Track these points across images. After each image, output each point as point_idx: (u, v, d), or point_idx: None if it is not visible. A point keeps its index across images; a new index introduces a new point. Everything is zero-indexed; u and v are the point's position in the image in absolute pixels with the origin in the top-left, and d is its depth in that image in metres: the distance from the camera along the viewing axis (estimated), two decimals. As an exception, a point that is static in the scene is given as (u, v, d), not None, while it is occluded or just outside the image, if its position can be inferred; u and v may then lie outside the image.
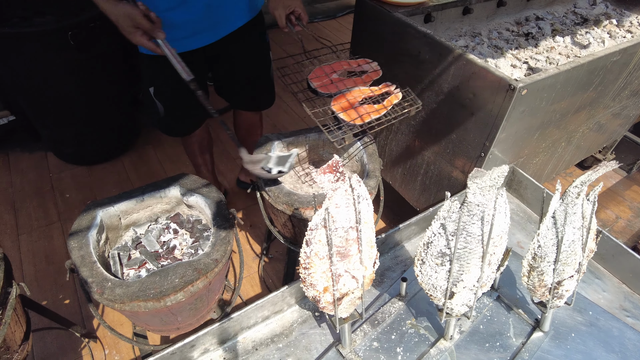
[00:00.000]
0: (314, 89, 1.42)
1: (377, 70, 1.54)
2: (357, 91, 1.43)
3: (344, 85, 1.45)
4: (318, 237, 0.87)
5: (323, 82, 1.45)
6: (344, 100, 1.39)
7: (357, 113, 1.35)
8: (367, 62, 1.56)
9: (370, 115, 1.36)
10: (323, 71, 1.49)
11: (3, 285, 1.08)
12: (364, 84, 1.47)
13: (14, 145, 2.80)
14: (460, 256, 0.94)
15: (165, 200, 1.30)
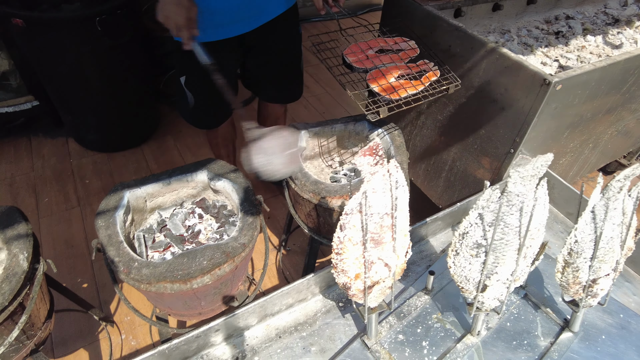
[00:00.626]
0: (349, 63, 1.42)
1: (414, 49, 1.53)
2: (393, 67, 1.42)
3: (380, 61, 1.44)
4: (353, 222, 0.85)
5: (359, 57, 1.45)
6: (380, 75, 1.38)
7: (392, 88, 1.34)
8: (404, 41, 1.56)
9: (406, 91, 1.34)
10: (359, 47, 1.49)
11: (31, 260, 1.08)
12: (400, 61, 1.46)
13: (36, 131, 2.84)
14: (496, 248, 0.91)
15: (191, 184, 1.30)
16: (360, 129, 1.50)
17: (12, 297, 1.01)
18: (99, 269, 2.03)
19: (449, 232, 1.48)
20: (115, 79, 2.36)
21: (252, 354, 1.08)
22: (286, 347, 1.11)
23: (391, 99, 1.32)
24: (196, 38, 1.62)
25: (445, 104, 1.68)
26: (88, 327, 1.83)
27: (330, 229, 1.41)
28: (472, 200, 1.46)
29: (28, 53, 2.27)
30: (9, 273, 1.03)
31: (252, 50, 1.79)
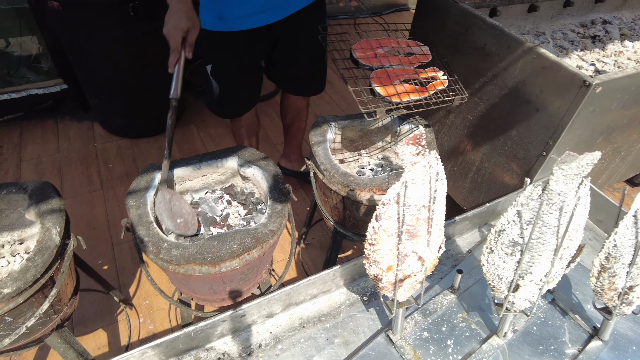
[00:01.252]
0: (356, 59, 1.39)
1: (426, 54, 1.49)
2: (400, 70, 1.39)
3: (388, 62, 1.41)
4: (389, 213, 0.84)
5: (367, 54, 1.42)
6: (385, 75, 1.35)
7: (395, 90, 1.30)
8: (418, 45, 1.52)
9: (409, 95, 1.30)
10: (369, 44, 1.46)
11: (63, 236, 1.10)
12: (409, 65, 1.43)
13: (63, 113, 2.88)
14: (533, 247, 0.89)
15: (221, 170, 1.30)
16: (390, 124, 1.49)
17: (44, 270, 1.02)
18: (120, 252, 2.05)
19: (475, 233, 1.46)
20: (144, 65, 2.38)
21: (275, 342, 1.08)
22: (309, 337, 1.10)
23: (391, 101, 1.28)
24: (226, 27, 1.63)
25: (477, 103, 1.66)
26: (107, 308, 1.85)
27: (356, 222, 1.40)
28: (502, 201, 1.43)
29: (61, 36, 2.30)
30: (42, 246, 1.04)
31: (279, 41, 1.80)
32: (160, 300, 1.87)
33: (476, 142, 1.73)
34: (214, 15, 1.63)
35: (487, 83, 1.59)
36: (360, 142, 1.57)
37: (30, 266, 1.00)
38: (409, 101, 1.30)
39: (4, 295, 0.94)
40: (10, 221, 1.25)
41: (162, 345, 0.96)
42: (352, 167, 1.57)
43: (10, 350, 1.19)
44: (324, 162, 1.31)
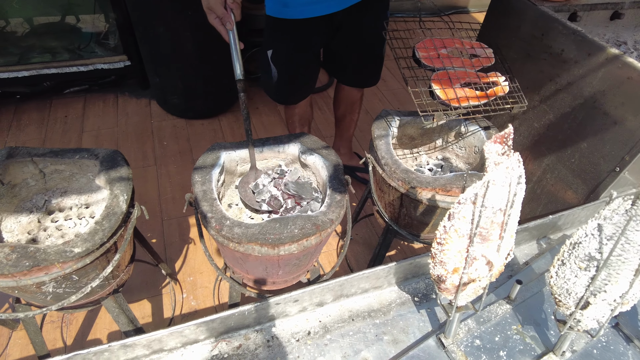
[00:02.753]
0: (418, 58, 1.38)
1: (490, 57, 1.45)
2: (462, 72, 1.36)
3: (450, 63, 1.39)
4: (463, 213, 0.81)
5: (430, 54, 1.40)
6: (446, 77, 1.33)
7: (455, 94, 1.29)
8: (482, 47, 1.49)
9: (468, 100, 1.28)
10: (433, 44, 1.44)
11: (129, 204, 1.13)
12: (471, 67, 1.39)
13: (124, 89, 2.99)
14: (611, 264, 0.84)
15: (282, 155, 1.31)
16: (453, 124, 1.45)
17: (111, 234, 1.06)
18: (168, 228, 2.11)
19: (533, 245, 1.41)
20: (206, 47, 2.43)
21: (324, 331, 1.07)
22: (359, 331, 1.09)
23: (450, 105, 1.26)
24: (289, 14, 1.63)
25: (546, 111, 1.59)
26: (153, 280, 1.91)
27: (411, 221, 1.37)
28: (565, 215, 1.37)
29: (132, 14, 2.39)
30: (110, 212, 1.08)
31: (340, 30, 1.79)
32: (204, 279, 1.92)
33: (540, 152, 1.66)
34: (278, 2, 1.64)
35: (560, 91, 1.51)
36: (420, 140, 1.54)
37: (98, 229, 1.04)
38: (467, 106, 1.28)
39: (75, 254, 0.98)
40: (79, 185, 1.30)
41: (217, 321, 0.98)
42: (409, 164, 1.54)
43: (71, 307, 1.24)
44: (385, 157, 1.29)
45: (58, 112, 2.77)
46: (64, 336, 1.68)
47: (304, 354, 1.02)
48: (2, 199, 1.16)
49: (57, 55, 2.71)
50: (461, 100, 1.28)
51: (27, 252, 0.94)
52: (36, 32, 2.67)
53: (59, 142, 2.55)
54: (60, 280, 1.03)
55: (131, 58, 2.80)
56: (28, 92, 2.79)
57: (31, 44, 2.66)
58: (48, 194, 1.28)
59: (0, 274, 0.90)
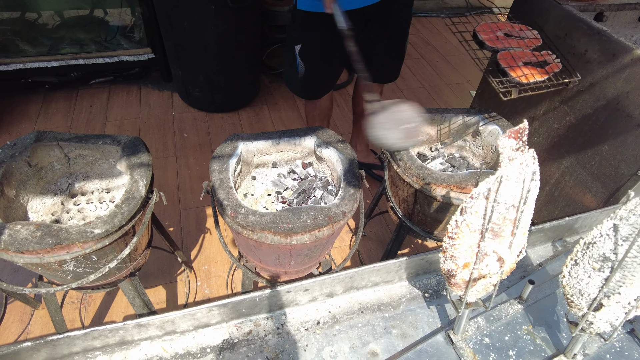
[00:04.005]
0: (481, 40, 1.48)
1: (537, 38, 1.54)
2: (520, 52, 1.45)
3: (509, 44, 1.48)
4: (475, 208, 0.81)
5: (490, 36, 1.50)
6: (510, 57, 1.41)
7: (522, 71, 1.37)
8: (528, 29, 1.57)
9: (534, 77, 1.37)
10: (489, 27, 1.53)
11: (148, 189, 1.16)
12: (526, 48, 1.48)
13: (147, 81, 3.06)
14: (627, 265, 0.83)
15: (298, 148, 1.32)
16: (472, 122, 1.44)
17: (129, 218, 1.09)
18: (185, 217, 2.15)
19: (548, 247, 1.39)
20: (229, 42, 2.47)
21: (333, 322, 1.09)
22: (367, 323, 1.10)
23: (520, 82, 1.35)
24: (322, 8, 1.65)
25: (566, 112, 1.57)
26: (169, 267, 1.95)
27: (424, 218, 1.37)
28: (583, 217, 1.35)
29: (157, 8, 2.44)
30: (129, 196, 1.12)
31: (369, 24, 1.79)
32: (218, 268, 1.95)
33: (559, 154, 1.63)
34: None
35: (582, 92, 1.49)
36: (437, 137, 1.53)
37: (117, 212, 1.08)
38: (534, 82, 1.37)
39: (95, 235, 1.02)
40: (101, 170, 1.34)
41: (228, 306, 1.00)
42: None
43: (90, 287, 1.29)
44: (401, 153, 1.30)
45: (84, 101, 2.85)
46: (82, 317, 1.74)
47: (313, 342, 1.04)
48: (30, 181, 1.21)
49: (84, 47, 2.79)
50: (528, 77, 1.37)
51: (51, 230, 0.98)
52: (66, 24, 2.76)
53: (84, 130, 2.62)
54: (81, 260, 1.07)
55: (155, 51, 2.86)
56: (56, 81, 2.88)
57: (61, 35, 2.75)
58: (72, 178, 1.32)
59: (26, 250, 0.94)
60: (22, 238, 0.95)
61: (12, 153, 1.15)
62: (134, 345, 0.97)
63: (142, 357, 0.96)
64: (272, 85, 3.09)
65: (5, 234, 0.95)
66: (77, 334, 0.88)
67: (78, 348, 0.92)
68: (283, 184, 1.33)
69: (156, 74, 3.09)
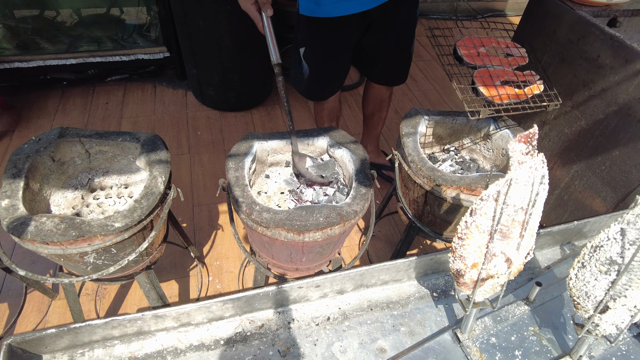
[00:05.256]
0: (460, 56, 1.43)
1: (524, 57, 1.49)
2: (500, 70, 1.41)
3: (490, 61, 1.44)
4: (485, 210, 0.84)
5: (470, 52, 1.45)
6: (487, 75, 1.38)
7: (497, 91, 1.34)
8: (516, 47, 1.53)
9: (509, 97, 1.33)
10: (472, 42, 1.49)
11: (166, 185, 1.20)
12: (508, 66, 1.44)
13: (161, 79, 3.11)
14: (633, 269, 0.85)
15: (311, 148, 1.35)
16: (483, 126, 1.46)
17: (148, 213, 1.13)
18: (198, 213, 2.19)
19: (556, 250, 1.40)
20: (244, 42, 2.51)
21: (343, 318, 1.11)
22: (376, 320, 1.12)
23: (493, 102, 1.32)
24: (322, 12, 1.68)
25: (577, 117, 1.58)
26: (182, 262, 1.99)
27: (434, 219, 1.39)
28: (592, 222, 1.36)
29: (173, 7, 2.48)
30: (148, 192, 1.16)
31: (371, 27, 1.81)
32: (230, 264, 1.99)
33: (569, 158, 1.64)
34: (311, 0, 1.68)
35: (594, 97, 1.50)
36: (449, 139, 1.55)
37: (137, 207, 1.12)
38: (509, 103, 1.33)
39: (115, 228, 1.06)
40: (120, 166, 1.38)
41: (242, 300, 1.03)
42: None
43: (107, 279, 1.33)
44: (412, 154, 1.32)
45: (100, 98, 2.91)
46: (97, 308, 1.79)
47: (323, 337, 1.07)
48: (53, 175, 1.25)
49: (102, 45, 2.85)
50: (502, 98, 1.33)
51: (74, 223, 1.02)
52: (84, 22, 2.81)
53: (100, 127, 2.68)
54: (101, 252, 1.11)
55: (170, 50, 2.91)
56: (74, 78, 2.94)
57: (79, 33, 2.81)
58: (92, 173, 1.37)
59: (50, 241, 0.99)
60: (47, 230, 0.99)
61: (37, 148, 1.20)
62: (150, 335, 1.00)
63: (158, 347, 0.99)
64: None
65: (32, 225, 1.00)
66: (97, 323, 0.92)
67: (98, 336, 0.95)
68: (295, 182, 1.36)
69: (171, 72, 3.14)
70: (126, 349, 0.98)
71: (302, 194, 1.30)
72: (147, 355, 0.97)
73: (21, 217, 1.03)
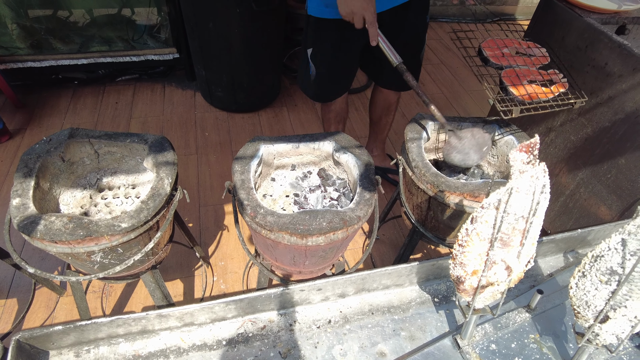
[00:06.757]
0: (486, 57, 1.46)
1: (545, 56, 1.51)
2: (526, 70, 1.43)
3: (514, 62, 1.46)
4: (486, 217, 0.84)
5: (495, 52, 1.48)
6: (514, 75, 1.40)
7: (525, 90, 1.36)
8: (537, 47, 1.55)
9: (537, 96, 1.35)
10: (495, 43, 1.51)
11: (172, 187, 1.22)
12: (532, 66, 1.46)
13: (171, 80, 3.14)
14: (634, 280, 0.85)
15: (317, 152, 1.37)
16: (488, 132, 1.46)
17: (154, 213, 1.15)
18: (205, 214, 2.22)
19: (559, 258, 1.40)
20: (253, 43, 2.53)
21: (344, 321, 1.12)
22: (377, 325, 1.13)
23: (523, 101, 1.34)
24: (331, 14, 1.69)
25: (584, 125, 1.57)
26: (187, 262, 2.01)
27: (437, 225, 1.40)
28: (596, 230, 1.35)
29: (184, 9, 2.52)
30: (155, 193, 1.18)
31: (381, 30, 1.82)
32: (235, 264, 2.01)
33: (575, 165, 1.64)
34: (321, 2, 1.70)
35: (601, 105, 1.50)
36: (453, 146, 1.56)
37: (143, 208, 1.14)
38: (537, 101, 1.36)
39: (122, 228, 1.08)
40: (128, 167, 1.41)
41: (245, 301, 1.05)
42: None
43: (114, 278, 1.35)
44: (416, 159, 1.33)
45: (110, 98, 2.95)
46: (103, 306, 1.82)
47: (324, 340, 1.08)
48: (62, 175, 1.28)
49: (112, 45, 2.89)
50: (532, 97, 1.35)
51: (82, 223, 1.04)
52: (96, 22, 2.86)
53: (109, 126, 2.72)
54: (107, 251, 1.13)
55: (180, 51, 2.94)
56: (85, 78, 2.99)
57: (91, 34, 2.85)
58: (100, 173, 1.39)
59: (59, 240, 1.01)
60: (56, 229, 1.02)
61: (47, 148, 1.22)
62: (154, 334, 1.02)
63: (162, 346, 1.01)
64: (292, 87, 3.15)
65: (42, 224, 1.02)
66: (103, 321, 0.94)
67: (103, 334, 0.97)
68: (301, 186, 1.38)
69: (180, 73, 3.18)
70: (130, 347, 1.00)
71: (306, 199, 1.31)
72: (150, 353, 0.99)
73: (31, 216, 1.05)
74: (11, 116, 2.70)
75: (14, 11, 2.62)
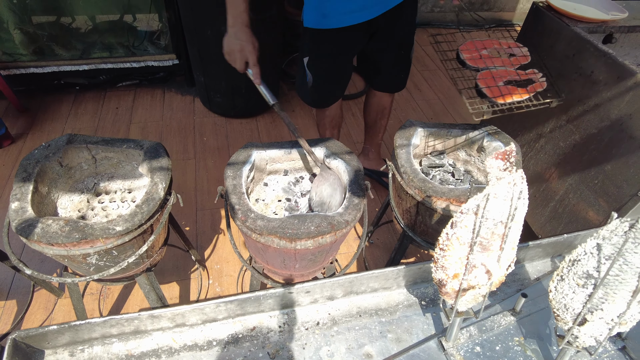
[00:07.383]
0: (463, 60, 1.47)
1: (526, 56, 1.53)
2: (503, 71, 1.45)
3: (492, 63, 1.48)
4: (465, 222, 0.87)
5: (472, 55, 1.49)
6: (490, 77, 1.42)
7: (499, 91, 1.38)
8: (518, 46, 1.57)
9: (512, 97, 1.37)
10: (474, 45, 1.53)
11: (166, 191, 1.25)
12: (510, 66, 1.48)
13: (170, 86, 3.19)
14: (609, 283, 0.88)
15: (308, 158, 1.40)
16: (477, 139, 1.49)
17: (148, 217, 1.18)
18: (201, 217, 2.25)
19: (547, 262, 1.43)
20: (251, 50, 2.57)
21: (332, 323, 1.15)
22: (364, 327, 1.16)
23: (496, 102, 1.37)
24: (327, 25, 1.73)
25: (572, 131, 1.60)
26: (183, 265, 2.05)
27: (426, 229, 1.43)
28: (582, 235, 1.38)
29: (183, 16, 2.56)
30: (149, 197, 1.21)
31: (375, 34, 1.86)
32: (230, 268, 2.04)
33: (564, 171, 1.67)
34: (318, 13, 1.73)
35: (588, 112, 1.53)
36: (444, 151, 1.59)
37: (138, 212, 1.17)
38: (512, 102, 1.37)
39: (116, 232, 1.11)
40: (125, 172, 1.44)
41: (235, 303, 1.08)
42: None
43: (110, 280, 1.39)
44: (405, 165, 1.36)
45: (111, 103, 3.00)
46: (100, 307, 1.85)
47: (312, 341, 1.10)
48: (60, 179, 1.32)
49: (113, 52, 2.94)
50: (506, 97, 1.37)
51: (78, 226, 1.08)
52: (97, 29, 2.91)
53: (110, 131, 2.76)
54: (103, 254, 1.16)
55: (179, 57, 2.99)
56: (86, 83, 3.03)
57: (93, 40, 2.90)
58: (97, 178, 1.43)
59: (55, 242, 1.04)
60: (52, 232, 1.05)
61: (46, 154, 1.26)
62: (147, 334, 1.05)
63: (154, 346, 1.04)
64: (289, 93, 3.19)
65: (39, 227, 1.06)
66: (96, 321, 0.97)
67: (97, 334, 1.00)
68: (293, 191, 1.41)
69: (180, 79, 3.22)
70: (124, 347, 1.03)
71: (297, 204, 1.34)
72: (143, 353, 1.02)
73: (29, 219, 1.09)
74: (14, 121, 2.75)
75: (18, 17, 2.67)
